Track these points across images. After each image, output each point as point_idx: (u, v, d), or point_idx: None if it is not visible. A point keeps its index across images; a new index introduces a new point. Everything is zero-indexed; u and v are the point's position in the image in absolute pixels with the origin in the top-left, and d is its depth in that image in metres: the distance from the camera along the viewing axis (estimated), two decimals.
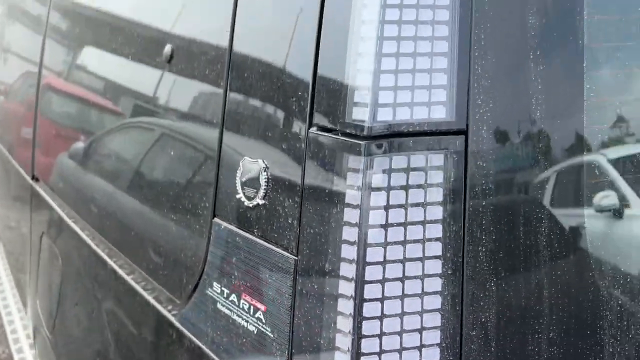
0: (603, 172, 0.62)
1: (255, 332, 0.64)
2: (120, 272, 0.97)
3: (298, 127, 0.60)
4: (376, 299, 0.54)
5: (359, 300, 0.53)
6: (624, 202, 0.64)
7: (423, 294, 0.55)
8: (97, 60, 1.23)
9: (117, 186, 1.06)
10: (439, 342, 0.56)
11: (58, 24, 1.52)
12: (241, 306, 0.66)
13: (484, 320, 0.57)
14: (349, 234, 0.54)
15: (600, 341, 0.62)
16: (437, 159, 0.55)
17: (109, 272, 1.02)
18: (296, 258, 0.59)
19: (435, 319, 0.56)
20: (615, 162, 0.63)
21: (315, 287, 0.57)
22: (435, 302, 0.55)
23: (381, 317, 0.54)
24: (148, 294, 0.88)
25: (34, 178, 1.61)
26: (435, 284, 0.56)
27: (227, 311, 0.69)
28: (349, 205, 0.54)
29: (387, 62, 0.54)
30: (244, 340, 0.66)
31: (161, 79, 0.88)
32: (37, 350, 1.64)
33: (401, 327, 0.55)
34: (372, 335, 0.54)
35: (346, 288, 0.54)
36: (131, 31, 1.04)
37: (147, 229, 0.93)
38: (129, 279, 0.94)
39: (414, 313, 0.55)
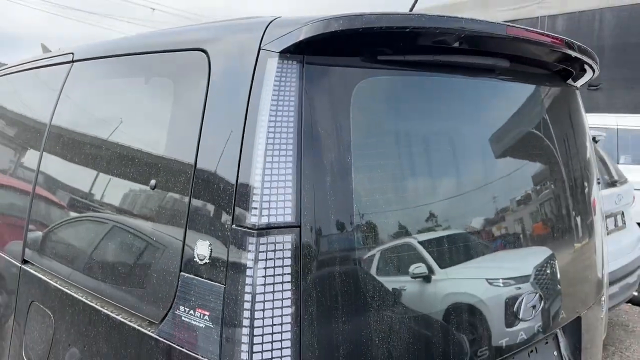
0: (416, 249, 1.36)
1: (203, 326, 1.29)
2: (109, 312, 1.58)
3: (227, 223, 1.29)
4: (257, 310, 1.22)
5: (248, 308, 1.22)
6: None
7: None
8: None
9: (115, 253, 1.68)
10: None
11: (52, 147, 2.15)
12: (195, 315, 1.32)
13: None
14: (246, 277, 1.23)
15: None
16: (288, 238, 1.26)
17: (101, 315, 1.61)
18: (224, 286, 1.27)
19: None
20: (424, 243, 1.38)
21: (233, 305, 1.25)
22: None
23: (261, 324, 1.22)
24: (133, 323, 1.50)
25: (24, 261, 2.16)
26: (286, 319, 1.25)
27: (187, 320, 1.33)
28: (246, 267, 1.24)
29: (266, 194, 1.26)
30: (196, 333, 1.31)
31: (149, 199, 1.56)
32: None
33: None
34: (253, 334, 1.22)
35: (241, 313, 1.22)
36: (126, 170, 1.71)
37: (135, 281, 1.55)
38: (115, 316, 1.55)
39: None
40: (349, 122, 1.38)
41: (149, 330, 1.45)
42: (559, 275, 1.89)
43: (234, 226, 1.28)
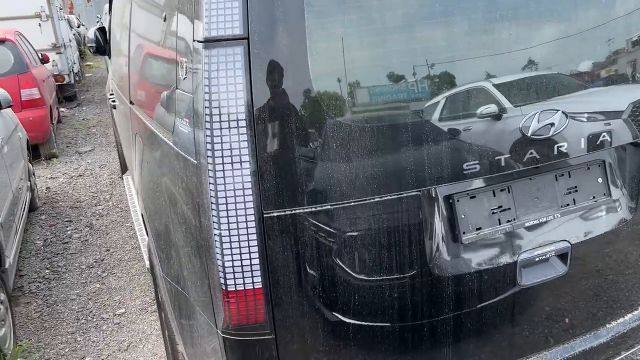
0: None
1: (187, 132, 1.54)
2: (156, 131, 1.92)
3: (190, 39, 1.46)
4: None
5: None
6: None
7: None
8: None
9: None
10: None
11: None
12: (183, 123, 1.56)
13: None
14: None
15: None
16: (238, 50, 1.39)
17: (154, 135, 1.98)
18: (192, 95, 1.47)
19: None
20: None
21: (196, 114, 1.45)
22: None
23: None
24: (164, 136, 1.82)
25: (130, 102, 2.66)
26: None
27: (181, 128, 1.60)
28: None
29: (214, 8, 1.38)
30: (184, 138, 1.56)
31: (161, 31, 1.79)
32: (139, 203, 2.72)
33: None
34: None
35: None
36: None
37: (158, 108, 1.86)
38: (158, 132, 1.89)
39: None
40: None
41: (168, 139, 1.76)
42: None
43: (194, 41, 1.44)
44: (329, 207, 1.49)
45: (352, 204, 1.50)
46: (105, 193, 5.54)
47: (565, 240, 1.74)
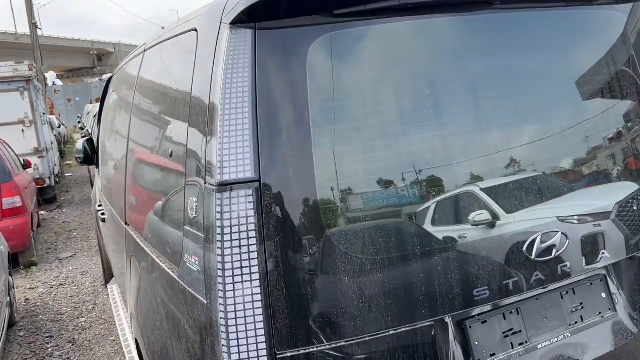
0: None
1: (196, 270, 1.53)
2: (158, 261, 1.90)
3: (201, 182, 1.49)
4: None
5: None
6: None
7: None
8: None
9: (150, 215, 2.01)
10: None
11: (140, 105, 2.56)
12: (192, 260, 1.55)
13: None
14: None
15: None
16: (250, 192, 1.42)
17: (156, 264, 1.95)
18: (203, 235, 1.47)
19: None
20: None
21: (208, 251, 1.45)
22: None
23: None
24: (168, 268, 1.80)
25: (126, 223, 2.64)
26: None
27: (189, 265, 1.58)
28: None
29: (226, 155, 1.42)
30: (192, 276, 1.54)
31: (166, 167, 1.83)
32: (132, 329, 2.63)
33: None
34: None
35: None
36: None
37: (161, 238, 1.86)
38: (161, 263, 1.87)
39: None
40: (306, 81, 1.46)
41: (172, 272, 1.74)
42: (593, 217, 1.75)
43: (205, 184, 1.47)
44: (343, 343, 1.47)
45: (367, 339, 1.48)
46: (87, 303, 5.35)
47: None
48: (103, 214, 3.78)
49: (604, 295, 1.83)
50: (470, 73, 1.65)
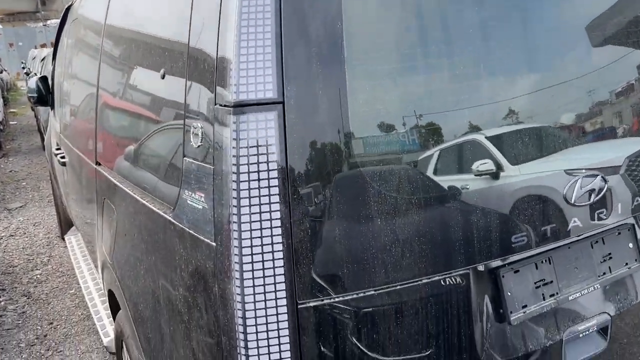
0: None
1: (201, 208, 1.30)
2: (144, 201, 1.66)
3: (211, 103, 1.25)
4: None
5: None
6: None
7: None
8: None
9: (143, 160, 1.75)
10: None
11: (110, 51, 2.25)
12: (195, 197, 1.32)
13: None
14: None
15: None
16: (270, 116, 1.19)
17: (140, 204, 1.71)
18: (213, 167, 1.24)
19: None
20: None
21: (220, 185, 1.22)
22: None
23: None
24: (157, 209, 1.56)
25: (97, 163, 2.35)
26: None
27: (190, 203, 1.35)
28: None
29: (243, 68, 1.18)
30: (197, 215, 1.32)
31: (159, 89, 1.56)
32: (103, 280, 2.38)
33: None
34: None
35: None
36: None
37: (157, 178, 1.61)
38: (147, 203, 1.63)
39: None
40: None
41: (164, 213, 1.50)
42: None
43: (216, 105, 1.23)
44: (372, 292, 1.29)
45: (398, 287, 1.31)
46: (42, 255, 5.00)
47: (606, 313, 1.63)
48: (63, 157, 3.43)
49: (631, 245, 1.72)
50: (485, 15, 1.45)
